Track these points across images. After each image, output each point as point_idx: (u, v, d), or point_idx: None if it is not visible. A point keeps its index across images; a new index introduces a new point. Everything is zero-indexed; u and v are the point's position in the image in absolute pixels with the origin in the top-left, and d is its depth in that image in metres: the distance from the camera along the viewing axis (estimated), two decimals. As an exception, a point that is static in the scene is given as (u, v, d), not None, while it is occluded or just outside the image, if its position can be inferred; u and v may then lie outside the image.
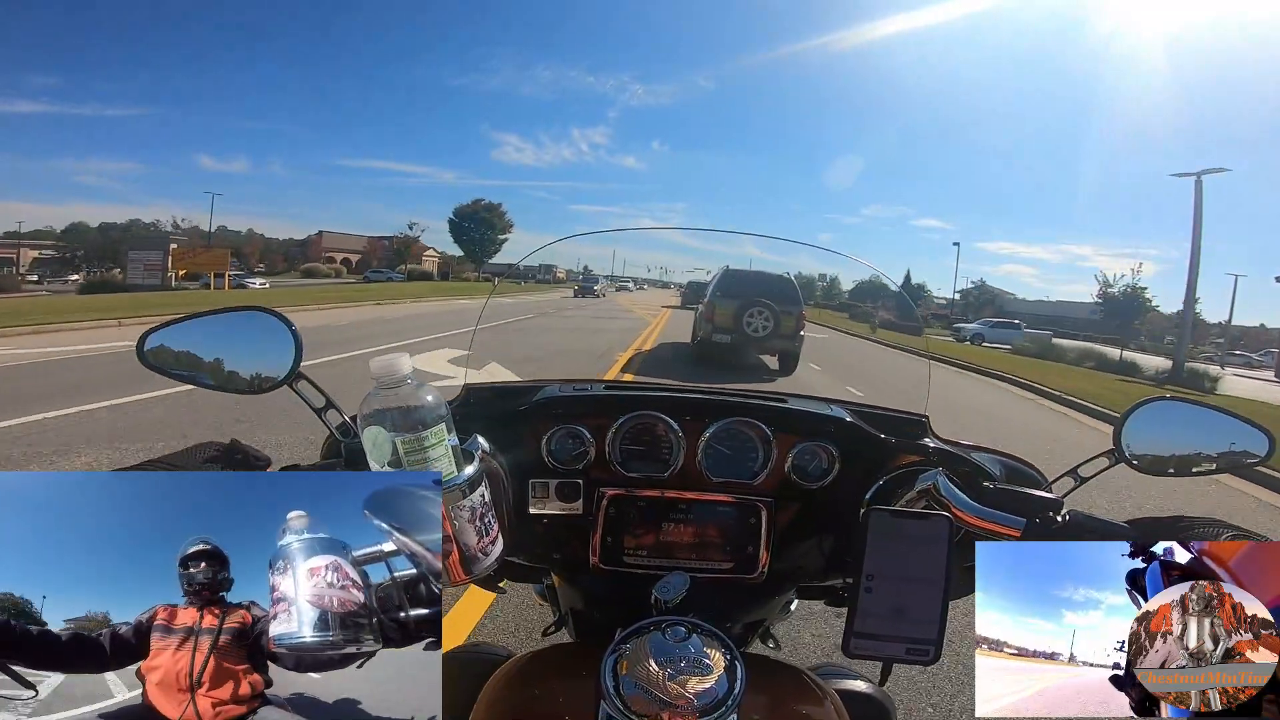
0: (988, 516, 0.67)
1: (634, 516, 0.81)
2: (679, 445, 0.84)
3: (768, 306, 4.27)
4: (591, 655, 0.57)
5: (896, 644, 0.62)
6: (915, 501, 0.76)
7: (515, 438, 0.83)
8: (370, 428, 0.55)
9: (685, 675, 0.52)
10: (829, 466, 0.85)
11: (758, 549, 0.81)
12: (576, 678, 0.59)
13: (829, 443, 0.85)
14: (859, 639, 0.63)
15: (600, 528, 0.81)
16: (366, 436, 0.56)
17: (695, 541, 0.81)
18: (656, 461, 0.84)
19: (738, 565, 0.81)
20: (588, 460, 0.83)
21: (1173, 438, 0.76)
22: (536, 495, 0.82)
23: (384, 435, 0.55)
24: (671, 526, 0.81)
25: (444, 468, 0.56)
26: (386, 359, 0.56)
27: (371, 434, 0.55)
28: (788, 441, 0.85)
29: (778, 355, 4.73)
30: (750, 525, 0.81)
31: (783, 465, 0.84)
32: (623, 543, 0.81)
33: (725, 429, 0.85)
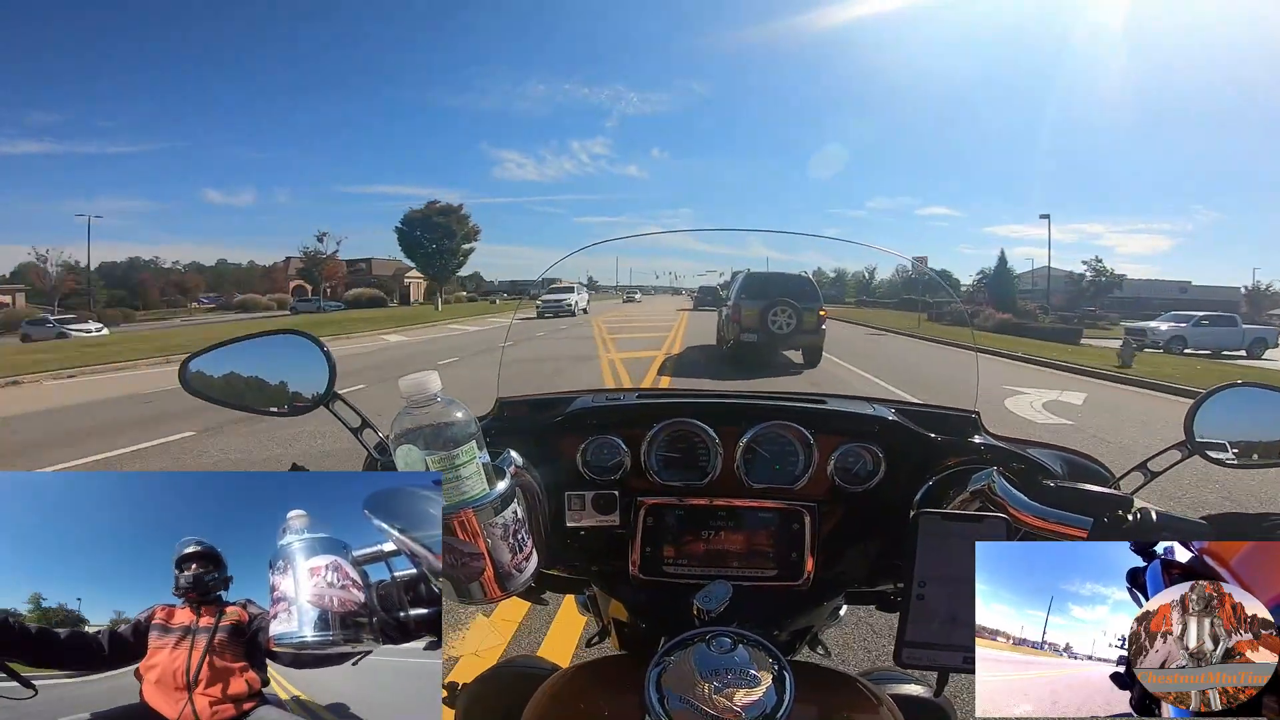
0: (1050, 517, 0.64)
1: (673, 526, 0.80)
2: (716, 452, 0.82)
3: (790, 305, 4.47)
4: (636, 668, 0.56)
5: (951, 653, 0.59)
6: (969, 503, 0.73)
7: (550, 450, 0.82)
8: (402, 446, 0.55)
9: (732, 688, 0.51)
10: (874, 468, 0.82)
11: (802, 556, 0.79)
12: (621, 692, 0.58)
13: (873, 444, 0.82)
14: (911, 648, 0.59)
15: (639, 538, 0.79)
16: (399, 455, 0.56)
17: (737, 550, 0.79)
18: (694, 469, 0.82)
19: (782, 573, 0.79)
20: (624, 470, 0.82)
21: (1251, 425, 0.70)
22: (573, 508, 0.81)
23: (416, 453, 0.55)
24: (712, 535, 0.79)
25: (476, 485, 0.55)
26: (416, 377, 0.56)
27: (404, 452, 0.55)
28: (830, 444, 0.83)
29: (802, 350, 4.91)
30: (794, 532, 0.79)
31: (825, 468, 0.82)
32: (662, 553, 0.79)
33: (763, 433, 0.83)
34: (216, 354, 0.73)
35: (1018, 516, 0.65)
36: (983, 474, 0.73)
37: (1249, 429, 0.70)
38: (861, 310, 16.07)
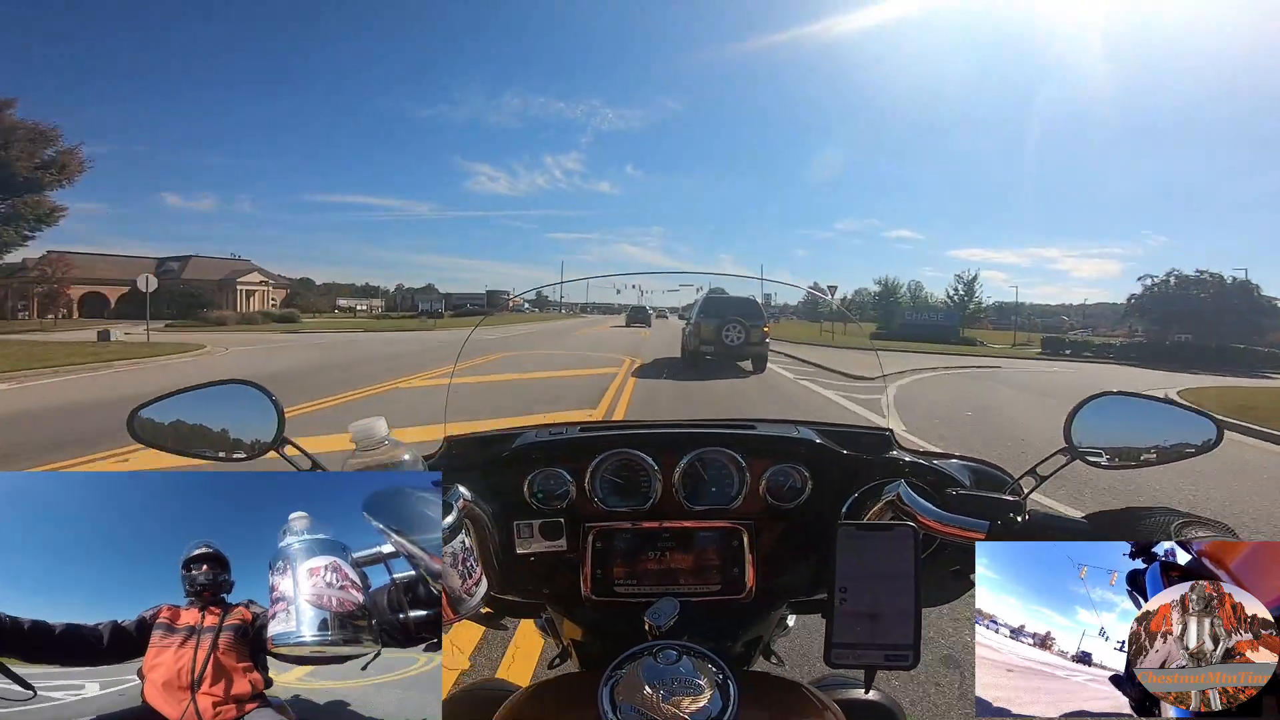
0: (951, 522, 0.69)
1: (620, 548, 0.84)
2: (656, 478, 0.86)
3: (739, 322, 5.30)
4: (592, 684, 0.59)
5: (875, 651, 0.64)
6: (883, 513, 0.78)
7: (497, 483, 0.86)
8: None
9: (678, 696, 0.54)
10: (802, 486, 0.87)
11: (743, 570, 0.83)
12: (578, 707, 0.60)
13: (799, 463, 0.88)
14: (839, 649, 0.64)
15: (589, 561, 0.83)
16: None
17: (682, 568, 0.83)
18: (637, 494, 0.87)
19: (725, 586, 0.83)
20: (570, 499, 0.86)
21: (1122, 431, 0.77)
22: (521, 536, 0.85)
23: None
24: (657, 555, 0.83)
25: None
26: (364, 423, 0.60)
27: None
28: (760, 465, 0.88)
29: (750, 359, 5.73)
30: (733, 548, 0.84)
31: (757, 488, 0.87)
32: (612, 574, 0.83)
33: (699, 458, 0.88)
34: (165, 404, 0.75)
35: (924, 523, 0.70)
36: (892, 485, 0.78)
37: (1119, 434, 0.77)
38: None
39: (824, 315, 10.18)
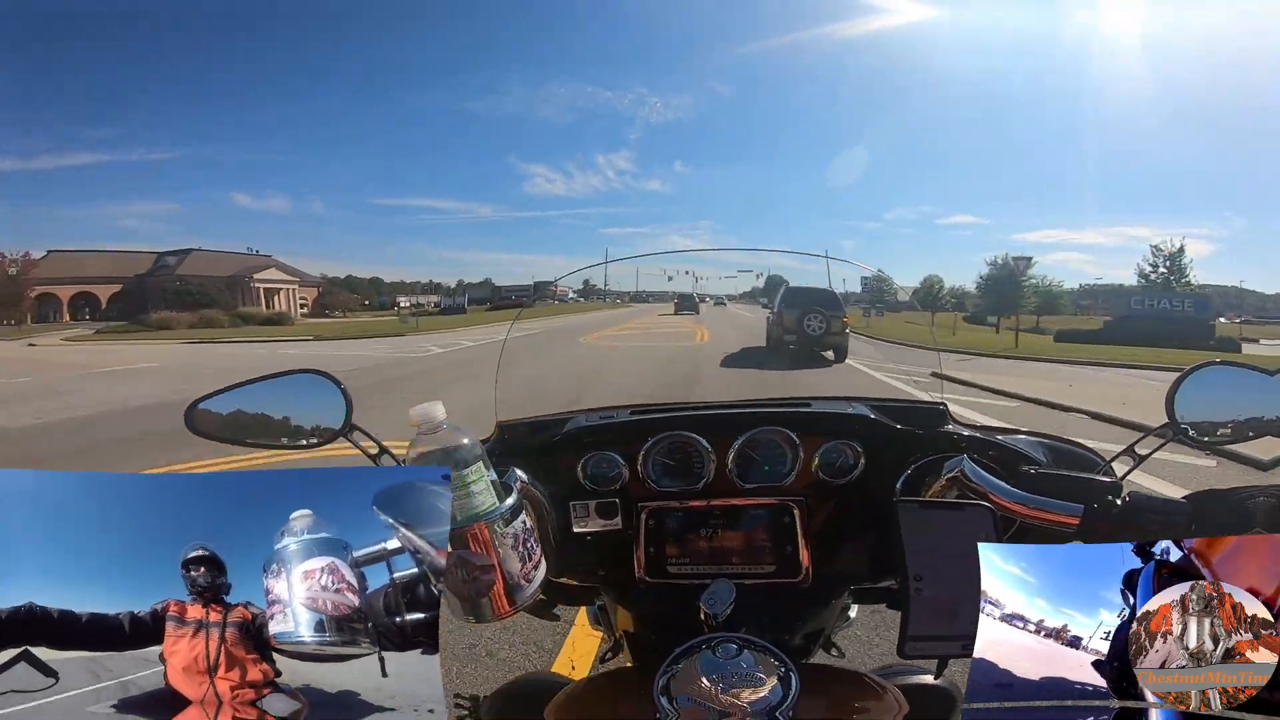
0: (1036, 504, 0.64)
1: (673, 527, 0.84)
2: (709, 459, 0.86)
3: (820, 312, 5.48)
4: (645, 679, 0.58)
5: (953, 643, 0.59)
6: (946, 490, 0.75)
7: (551, 467, 0.87)
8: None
9: (738, 688, 0.54)
10: (855, 462, 0.86)
11: (796, 548, 0.83)
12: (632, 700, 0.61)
13: (853, 439, 0.87)
14: (914, 641, 0.61)
15: (642, 540, 0.83)
16: None
17: (735, 546, 0.83)
18: (690, 476, 0.87)
19: (780, 568, 0.83)
20: (623, 480, 0.86)
21: (1228, 404, 0.70)
22: (578, 515, 0.86)
23: None
24: (710, 534, 0.84)
25: (487, 500, 0.59)
26: (424, 407, 0.60)
27: None
28: (814, 443, 0.87)
29: (831, 349, 5.55)
30: (785, 524, 0.83)
31: (810, 465, 0.87)
32: (665, 553, 0.83)
33: (752, 438, 0.87)
34: (225, 396, 0.75)
35: (1001, 504, 0.65)
36: (954, 461, 0.76)
37: (1227, 408, 0.70)
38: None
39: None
